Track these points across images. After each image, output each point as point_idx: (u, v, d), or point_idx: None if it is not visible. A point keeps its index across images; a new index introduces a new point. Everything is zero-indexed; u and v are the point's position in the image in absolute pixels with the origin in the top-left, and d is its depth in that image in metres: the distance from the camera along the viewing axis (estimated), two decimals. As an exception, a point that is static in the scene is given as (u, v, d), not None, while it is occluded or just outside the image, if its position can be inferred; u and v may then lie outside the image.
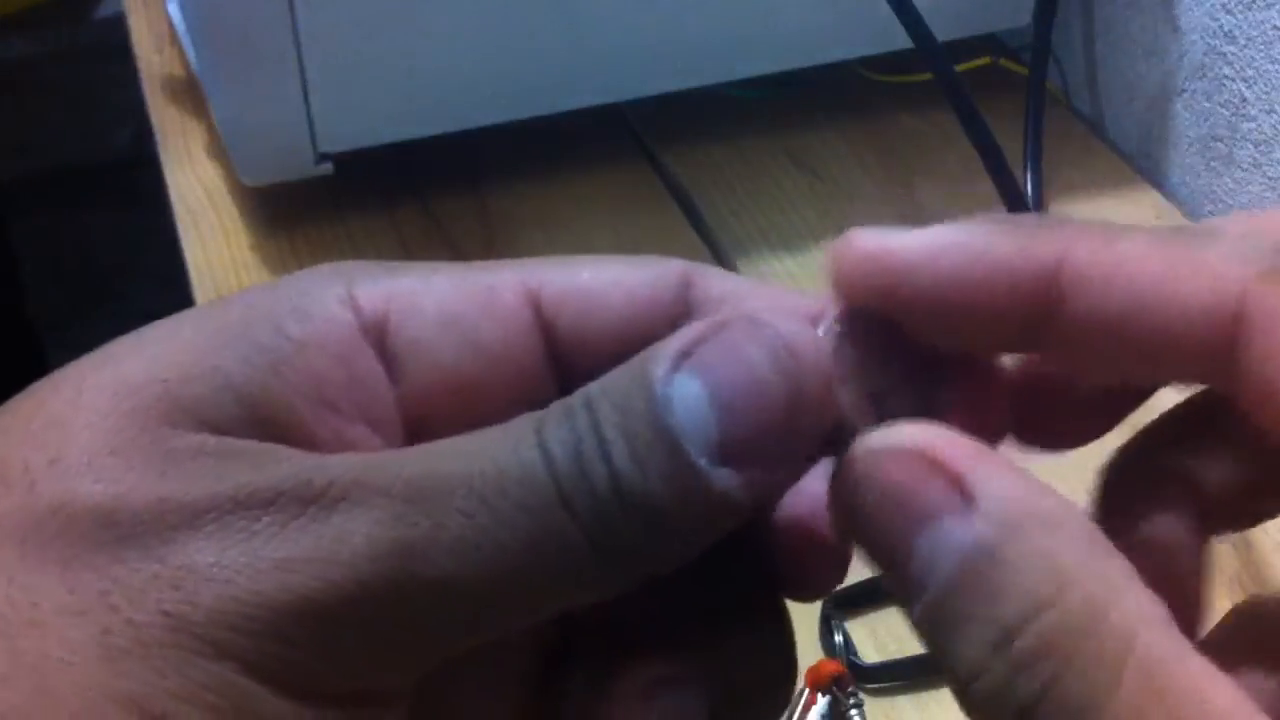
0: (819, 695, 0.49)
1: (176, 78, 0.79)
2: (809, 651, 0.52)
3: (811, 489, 0.24)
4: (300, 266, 0.81)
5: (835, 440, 0.23)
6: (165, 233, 0.72)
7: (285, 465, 0.21)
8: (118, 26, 0.86)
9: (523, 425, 0.22)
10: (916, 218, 0.84)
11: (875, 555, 0.22)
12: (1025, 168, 0.67)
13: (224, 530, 0.20)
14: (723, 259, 0.70)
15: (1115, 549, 0.21)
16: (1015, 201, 0.61)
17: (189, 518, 0.20)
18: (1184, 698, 0.19)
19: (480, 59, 0.67)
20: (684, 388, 0.21)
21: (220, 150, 0.72)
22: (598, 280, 0.25)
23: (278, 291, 0.24)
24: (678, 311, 0.25)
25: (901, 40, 0.62)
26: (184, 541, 0.20)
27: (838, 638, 0.52)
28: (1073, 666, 0.20)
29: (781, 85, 0.74)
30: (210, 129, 0.73)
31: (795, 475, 0.23)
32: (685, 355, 0.22)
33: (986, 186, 0.61)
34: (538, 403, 0.22)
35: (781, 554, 0.25)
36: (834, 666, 0.50)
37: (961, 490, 0.21)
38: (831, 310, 0.24)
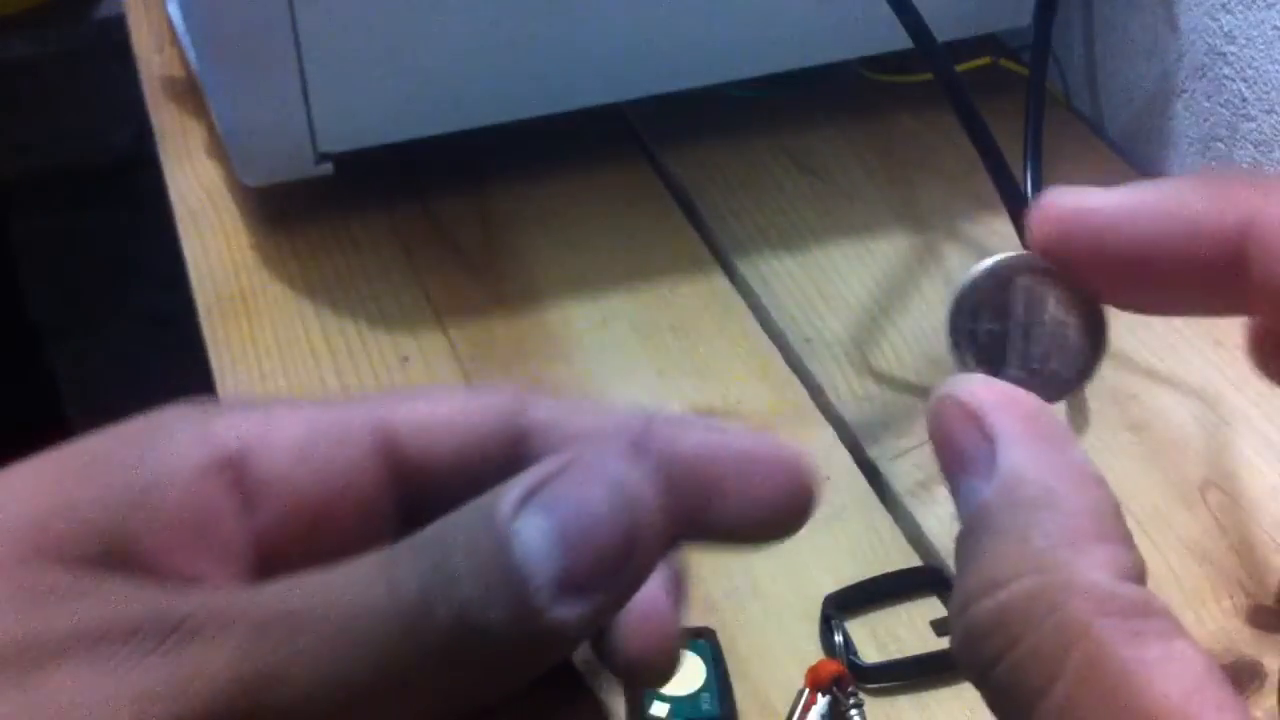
0: (819, 695, 0.50)
1: (176, 78, 0.79)
2: (809, 651, 0.52)
3: (645, 593, 0.25)
4: (300, 267, 0.80)
5: None
6: (165, 233, 0.72)
7: (142, 600, 0.22)
8: (118, 26, 0.86)
9: (372, 562, 0.23)
10: (916, 218, 0.84)
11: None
12: (1025, 168, 0.66)
13: (87, 664, 0.21)
14: (723, 259, 0.70)
15: (1117, 538, 0.22)
16: (1015, 201, 0.61)
17: (52, 653, 0.21)
18: (1123, 689, 0.20)
19: (480, 59, 0.67)
20: (528, 526, 0.22)
21: (220, 150, 0.72)
22: (441, 411, 0.26)
23: (136, 431, 0.24)
24: (513, 438, 0.26)
25: (901, 40, 0.62)
26: (48, 676, 0.21)
27: (838, 638, 0.52)
28: (1019, 648, 0.21)
29: (781, 85, 0.74)
30: (210, 129, 0.73)
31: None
32: (531, 494, 0.22)
33: (986, 186, 0.60)
34: (388, 531, 0.23)
35: (615, 652, 0.26)
36: (834, 666, 0.50)
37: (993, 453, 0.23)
38: (990, 259, 0.26)
